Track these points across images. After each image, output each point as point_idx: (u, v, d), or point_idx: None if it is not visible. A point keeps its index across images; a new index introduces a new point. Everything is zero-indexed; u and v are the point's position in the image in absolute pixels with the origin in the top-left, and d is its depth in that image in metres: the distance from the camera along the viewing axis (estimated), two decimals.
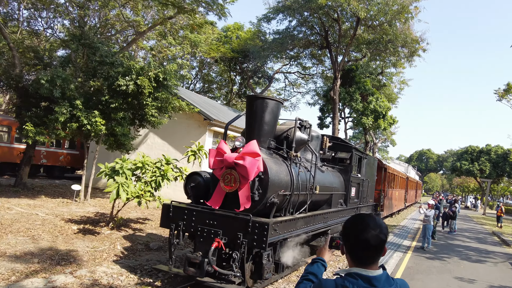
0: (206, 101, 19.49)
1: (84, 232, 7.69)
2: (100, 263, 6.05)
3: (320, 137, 8.19)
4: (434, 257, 10.04)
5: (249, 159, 5.00)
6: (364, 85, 23.77)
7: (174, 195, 12.42)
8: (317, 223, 7.12)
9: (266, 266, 5.44)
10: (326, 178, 7.94)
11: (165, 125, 12.80)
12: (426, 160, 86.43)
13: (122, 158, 7.68)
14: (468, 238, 15.41)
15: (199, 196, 5.93)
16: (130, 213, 10.58)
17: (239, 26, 29.30)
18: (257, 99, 5.67)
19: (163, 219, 5.71)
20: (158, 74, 10.46)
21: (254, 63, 28.08)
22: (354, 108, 24.19)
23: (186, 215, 5.49)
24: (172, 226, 5.53)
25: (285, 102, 35.39)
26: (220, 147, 5.37)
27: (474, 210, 41.61)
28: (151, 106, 10.86)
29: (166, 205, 5.69)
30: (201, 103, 16.17)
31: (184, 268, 5.14)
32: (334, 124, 22.65)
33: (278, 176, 5.53)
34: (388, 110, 25.07)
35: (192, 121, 13.92)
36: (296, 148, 6.19)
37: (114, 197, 6.86)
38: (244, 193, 5.13)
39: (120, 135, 11.01)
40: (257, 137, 5.70)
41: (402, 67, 26.89)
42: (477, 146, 42.98)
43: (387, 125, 25.55)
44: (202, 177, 5.96)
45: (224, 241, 5.07)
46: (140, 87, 10.23)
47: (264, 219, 5.06)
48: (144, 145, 14.53)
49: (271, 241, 5.06)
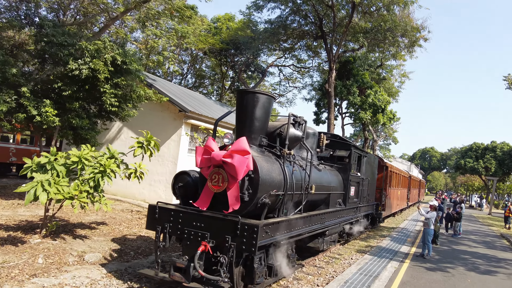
0: (186, 92, 17.86)
1: (5, 241, 6.22)
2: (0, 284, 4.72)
3: (317, 134, 7.87)
4: (436, 267, 8.64)
5: (237, 157, 4.70)
6: (362, 78, 22.69)
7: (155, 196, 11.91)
8: (313, 224, 6.81)
9: (258, 270, 5.15)
10: (323, 177, 7.62)
11: (139, 118, 11.91)
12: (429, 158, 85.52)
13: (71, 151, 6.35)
14: (475, 242, 13.75)
15: (188, 197, 5.63)
16: (87, 217, 9.19)
17: (230, 16, 27.73)
18: (248, 94, 5.36)
19: (148, 221, 5.42)
20: (115, 56, 9.08)
21: (245, 55, 26.45)
22: (352, 102, 22.93)
23: (172, 217, 5.20)
24: (158, 228, 5.25)
25: (281, 97, 34.13)
26: (208, 144, 5.07)
27: (479, 209, 40.20)
28: (110, 94, 9.35)
29: (152, 206, 5.41)
30: (179, 93, 15.05)
31: (170, 273, 4.85)
32: (330, 118, 21.46)
33: (269, 175, 5.22)
34: (388, 104, 23.76)
35: (167, 114, 12.66)
36: (290, 145, 5.87)
37: (30, 199, 5.44)
38: (233, 194, 4.83)
39: (80, 129, 9.69)
40: (248, 134, 5.39)
41: (403, 59, 25.74)
42: (482, 143, 41.40)
43: (386, 120, 24.43)
44: (190, 177, 5.67)
45: (212, 244, 4.77)
46: (95, 72, 8.84)
47: (254, 221, 4.76)
48: (117, 141, 13.49)
49: (262, 244, 4.76)
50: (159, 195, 12.16)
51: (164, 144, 12.39)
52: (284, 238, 5.54)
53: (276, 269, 5.68)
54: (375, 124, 24.85)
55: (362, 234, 12.07)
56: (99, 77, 8.87)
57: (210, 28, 26.96)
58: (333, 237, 8.78)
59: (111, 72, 9.19)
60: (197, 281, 4.75)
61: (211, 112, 14.71)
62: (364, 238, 11.74)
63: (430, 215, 9.58)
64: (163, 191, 12.30)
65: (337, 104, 27.01)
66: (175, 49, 25.56)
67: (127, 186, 12.23)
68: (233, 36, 24.38)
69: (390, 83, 30.43)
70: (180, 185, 5.64)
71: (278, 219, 5.33)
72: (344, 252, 9.37)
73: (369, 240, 11.37)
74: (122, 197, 12.65)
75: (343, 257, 8.78)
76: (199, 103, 15.56)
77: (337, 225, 8.58)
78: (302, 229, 6.21)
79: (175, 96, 13.14)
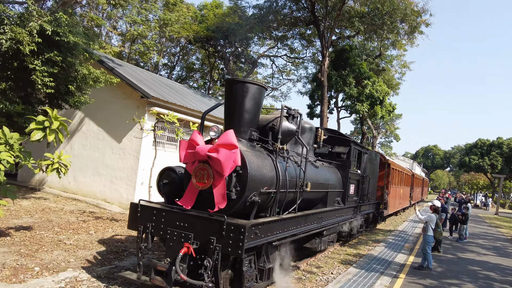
0: (159, 79, 15.77)
1: None
2: None
3: (314, 129, 7.47)
4: (438, 284, 6.81)
5: (223, 151, 4.31)
6: (359, 67, 21.01)
7: (116, 195, 10.82)
8: (309, 223, 6.42)
9: (247, 274, 4.77)
10: (320, 174, 7.23)
11: (101, 107, 10.86)
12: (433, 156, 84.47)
13: None
14: (483, 248, 11.89)
15: (174, 195, 5.26)
16: (15, 220, 7.72)
17: (218, 3, 25.95)
18: (236, 83, 4.98)
19: (130, 220, 5.06)
20: (43, 25, 7.55)
21: (234, 44, 24.62)
22: (348, 94, 21.15)
23: (155, 216, 4.83)
24: (140, 228, 4.88)
25: (275, 91, 32.60)
26: (193, 138, 4.69)
27: (485, 209, 38.44)
28: (41, 72, 7.71)
29: (134, 205, 5.04)
30: (147, 79, 13.31)
31: (150, 276, 4.49)
32: (323, 111, 19.82)
33: (260, 171, 4.84)
34: (386, 95, 22.01)
35: (130, 101, 11.05)
36: (283, 139, 5.48)
37: None
38: (219, 191, 4.45)
39: (16, 116, 8.04)
40: (237, 127, 5.01)
41: (403, 49, 24.03)
42: (488, 139, 39.61)
43: (385, 113, 22.49)
44: (176, 173, 5.30)
45: (196, 246, 4.40)
46: (18, 44, 7.33)
47: (242, 221, 4.38)
48: (79, 133, 12.14)
49: (250, 246, 4.38)
50: (120, 194, 10.93)
51: (126, 136, 11.07)
52: (276, 239, 5.16)
53: (268, 272, 5.31)
54: (373, 117, 22.97)
55: (353, 238, 10.80)
56: (23, 50, 7.34)
57: (196, 16, 25.22)
58: (331, 237, 8.39)
59: (40, 44, 7.65)
60: (180, 286, 4.38)
61: (184, 101, 13.29)
62: (354, 244, 10.12)
63: (428, 217, 7.96)
64: (125, 190, 10.92)
65: (332, 97, 25.37)
66: (156, 37, 24.11)
67: (89, 184, 11.50)
68: (220, 23, 22.35)
69: (390, 74, 28.27)
70: (165, 182, 5.27)
71: (269, 219, 4.95)
72: (325, 263, 7.53)
73: (359, 247, 9.71)
74: (82, 196, 11.44)
75: (321, 270, 6.92)
76: (170, 90, 13.97)
77: (336, 224, 8.19)
78: (296, 229, 5.83)
79: (137, 80, 11.53)
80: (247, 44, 25.38)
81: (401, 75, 29.34)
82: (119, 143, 11.19)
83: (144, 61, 26.04)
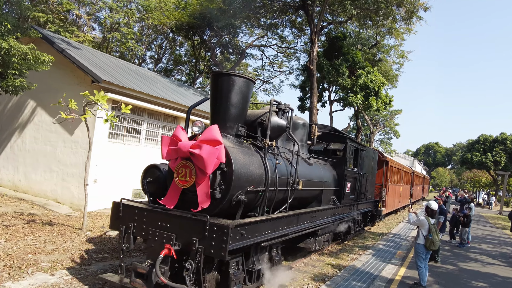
0: (123, 64, 14.00)
1: None
2: None
3: (308, 125, 7.23)
4: None
5: (206, 147, 4.08)
6: (353, 56, 19.48)
7: (68, 195, 9.65)
8: (302, 223, 6.19)
9: (234, 276, 4.56)
10: (314, 171, 6.99)
11: (52, 94, 9.71)
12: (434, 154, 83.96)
13: None
14: (489, 255, 10.18)
15: (159, 194, 5.04)
16: None
17: None
18: (222, 76, 4.73)
19: (112, 219, 4.85)
20: None
21: (220, 33, 22.80)
22: (340, 85, 19.56)
23: (137, 216, 4.61)
24: (122, 228, 4.67)
25: (266, 84, 30.98)
26: (175, 133, 4.46)
27: (488, 207, 36.74)
28: None
29: (115, 204, 4.82)
30: (108, 64, 12.01)
31: (131, 279, 4.28)
32: (313, 102, 18.11)
33: (246, 168, 4.60)
34: (382, 85, 20.35)
35: (83, 87, 9.65)
36: (273, 135, 5.25)
37: None
38: (202, 190, 4.22)
39: None
40: (222, 122, 4.78)
41: (401, 38, 22.49)
42: (491, 135, 37.93)
43: (381, 105, 20.88)
44: (161, 171, 5.07)
45: (178, 247, 4.18)
46: None
47: (226, 221, 4.15)
48: (30, 125, 11.06)
49: (236, 248, 4.16)
50: (72, 193, 9.77)
51: (79, 127, 9.79)
52: (265, 239, 4.94)
53: (258, 273, 5.09)
54: (368, 109, 21.32)
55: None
56: None
57: (178, 2, 23.50)
58: (326, 236, 8.17)
59: None
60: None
61: (152, 89, 11.98)
62: (335, 252, 8.56)
63: (418, 221, 6.34)
64: (76, 188, 9.63)
65: (325, 89, 23.92)
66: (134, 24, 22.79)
67: (40, 182, 10.46)
68: (204, 9, 20.74)
69: (387, 65, 26.25)
70: (149, 180, 5.04)
71: (256, 219, 4.72)
72: (292, 280, 5.95)
73: (341, 256, 8.19)
74: (32, 196, 10.36)
75: None
76: (134, 77, 12.52)
77: (331, 223, 7.96)
78: (287, 229, 5.60)
79: (90, 63, 10.23)
80: (234, 33, 23.52)
81: (399, 66, 27.27)
82: (71, 135, 10.13)
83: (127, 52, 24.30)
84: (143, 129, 11.46)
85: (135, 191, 10.94)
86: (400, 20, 18.30)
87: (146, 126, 11.51)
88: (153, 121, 11.76)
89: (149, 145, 11.63)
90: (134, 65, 16.63)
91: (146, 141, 11.57)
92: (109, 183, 10.01)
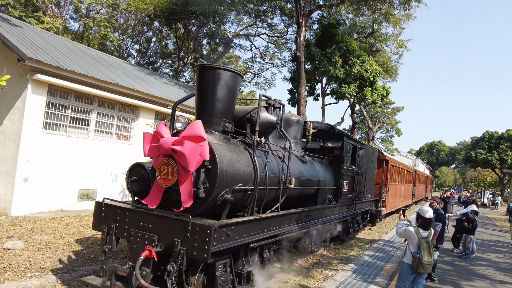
0: (71, 47, 12.11)
1: None
2: None
3: (302, 122, 7.01)
4: None
5: (188, 144, 3.88)
6: (347, 44, 18.02)
7: None
8: (295, 223, 5.98)
9: (221, 279, 4.35)
10: (309, 170, 6.77)
11: None
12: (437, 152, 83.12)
13: None
14: (499, 269, 8.47)
15: (145, 193, 4.85)
16: None
17: None
18: (207, 70, 4.53)
19: (95, 220, 4.66)
20: None
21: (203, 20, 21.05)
22: (333, 75, 17.86)
23: (119, 216, 4.42)
24: (104, 229, 4.48)
25: (258, 78, 29.22)
26: (158, 130, 4.26)
27: (493, 208, 35.32)
28: None
29: (98, 203, 4.64)
30: (47, 42, 10.50)
31: (111, 282, 4.09)
32: (300, 92, 16.39)
33: (233, 166, 4.40)
34: (378, 75, 18.74)
35: (13, 68, 8.31)
36: (262, 132, 5.04)
37: None
38: (185, 188, 4.02)
39: None
40: (208, 118, 4.57)
41: (400, 26, 20.92)
42: (496, 132, 36.58)
43: (377, 97, 19.37)
44: (146, 170, 4.88)
45: (160, 249, 3.99)
46: None
47: (209, 221, 3.95)
48: None
49: (219, 249, 3.96)
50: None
51: (7, 116, 8.55)
52: (254, 240, 4.73)
53: (247, 275, 4.89)
54: (362, 101, 19.92)
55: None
56: None
57: None
58: (323, 236, 7.95)
59: None
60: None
61: (102, 73, 10.50)
62: (306, 267, 6.78)
63: (404, 232, 4.81)
64: (3, 188, 8.33)
65: (317, 81, 22.24)
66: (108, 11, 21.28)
67: None
68: None
69: (386, 56, 24.21)
70: (134, 179, 4.85)
71: (243, 219, 4.51)
72: None
73: (312, 272, 6.47)
74: None
75: None
76: (83, 59, 10.97)
77: (328, 223, 7.74)
78: (279, 230, 5.39)
79: (15, 38, 8.81)
80: (220, 21, 21.95)
81: (398, 57, 25.17)
82: None
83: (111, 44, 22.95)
84: (93, 120, 9.97)
85: (81, 192, 9.74)
86: (397, 4, 16.86)
87: (96, 116, 10.05)
88: (105, 110, 10.28)
89: (100, 138, 10.24)
90: (94, 50, 14.57)
91: (96, 133, 10.14)
92: (45, 182, 8.70)
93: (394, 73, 25.41)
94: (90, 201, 9.87)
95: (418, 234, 4.65)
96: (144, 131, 5.22)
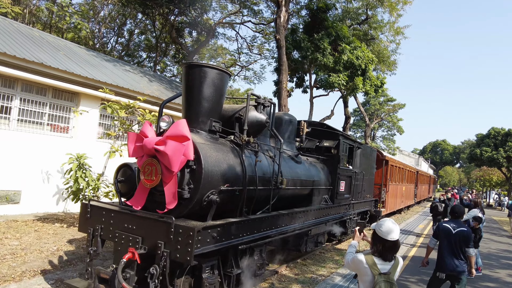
0: None
1: None
2: None
3: (296, 122, 6.91)
4: None
5: (171, 144, 3.80)
6: (337, 30, 16.50)
7: None
8: (287, 224, 5.87)
9: (207, 281, 4.27)
10: (302, 170, 6.66)
11: None
12: (441, 152, 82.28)
13: None
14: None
15: (132, 194, 4.77)
16: None
17: None
18: (194, 68, 4.44)
19: (81, 221, 4.59)
20: None
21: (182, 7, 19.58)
22: (321, 63, 16.22)
23: (104, 218, 4.35)
24: (89, 230, 4.41)
25: (246, 71, 27.47)
26: (142, 130, 4.19)
27: (500, 209, 33.02)
28: None
29: (84, 205, 4.57)
30: None
31: (94, 284, 4.02)
32: (281, 81, 14.73)
33: (219, 166, 4.31)
34: (371, 63, 17.06)
35: None
36: (251, 131, 4.94)
37: None
38: (169, 189, 3.93)
39: None
40: (195, 117, 4.49)
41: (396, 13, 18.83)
42: (502, 128, 34.42)
43: (369, 88, 17.66)
44: (133, 170, 4.80)
45: (144, 251, 3.90)
46: None
47: (193, 223, 3.87)
48: None
49: (204, 252, 3.87)
50: None
51: None
52: (242, 242, 4.63)
53: (237, 278, 4.79)
54: (353, 91, 17.69)
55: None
56: None
57: None
58: (319, 237, 7.84)
59: None
60: None
61: (26, 50, 8.75)
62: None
63: (353, 262, 2.86)
64: None
65: (306, 71, 20.33)
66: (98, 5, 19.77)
67: None
68: None
69: (381, 45, 22.09)
70: (121, 180, 4.78)
71: (230, 220, 4.41)
72: None
73: None
74: None
75: None
76: (6, 33, 9.33)
77: (324, 224, 7.62)
78: (270, 231, 5.29)
79: None
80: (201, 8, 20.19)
81: (396, 46, 22.96)
82: None
83: (77, 29, 21.36)
84: (15, 107, 8.39)
85: (2, 194, 8.19)
86: None
87: (19, 102, 8.44)
88: (33, 96, 8.66)
89: (26, 129, 8.66)
90: (38, 31, 12.52)
91: (20, 123, 8.58)
92: None
93: (391, 64, 23.41)
94: (12, 205, 8.15)
95: (373, 269, 2.70)
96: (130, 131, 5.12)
